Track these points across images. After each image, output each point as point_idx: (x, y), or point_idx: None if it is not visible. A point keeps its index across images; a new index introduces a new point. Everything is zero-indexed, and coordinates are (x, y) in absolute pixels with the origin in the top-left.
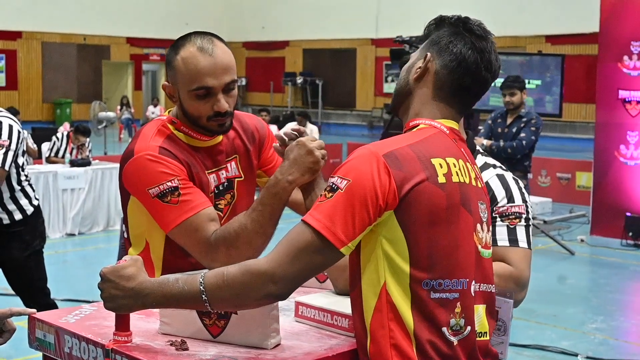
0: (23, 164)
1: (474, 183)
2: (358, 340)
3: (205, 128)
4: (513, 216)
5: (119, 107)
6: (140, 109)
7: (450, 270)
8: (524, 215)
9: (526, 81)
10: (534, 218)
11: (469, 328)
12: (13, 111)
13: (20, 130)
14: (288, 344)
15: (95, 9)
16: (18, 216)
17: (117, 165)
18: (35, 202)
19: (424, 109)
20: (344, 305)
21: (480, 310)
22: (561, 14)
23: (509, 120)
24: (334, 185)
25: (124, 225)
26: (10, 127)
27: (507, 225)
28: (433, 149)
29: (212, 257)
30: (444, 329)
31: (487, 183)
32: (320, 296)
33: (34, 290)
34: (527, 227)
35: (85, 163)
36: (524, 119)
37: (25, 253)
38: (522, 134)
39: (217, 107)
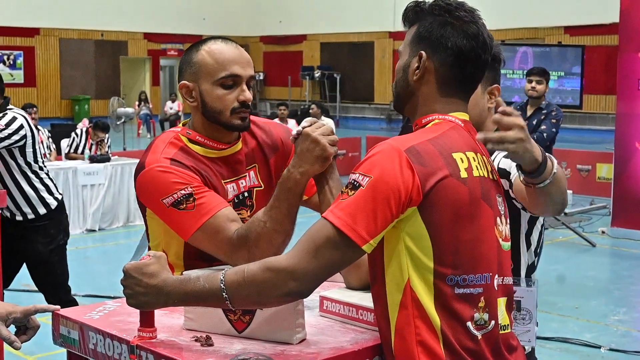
0: (39, 158)
1: (490, 176)
2: (382, 336)
3: (227, 124)
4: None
5: (137, 103)
6: (158, 105)
7: (474, 265)
8: None
9: None
10: None
11: (492, 322)
12: (29, 106)
13: (26, 125)
14: (313, 339)
15: (112, 5)
16: (42, 210)
17: (137, 161)
18: (58, 196)
19: (433, 106)
20: (369, 299)
21: (502, 303)
22: (580, 4)
23: (529, 112)
24: (355, 182)
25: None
26: (14, 118)
27: None
28: (453, 144)
29: (236, 256)
30: (469, 324)
31: (497, 166)
32: (344, 290)
33: (56, 286)
34: None
35: (104, 159)
36: (544, 111)
37: (49, 247)
38: (543, 126)
39: (243, 97)
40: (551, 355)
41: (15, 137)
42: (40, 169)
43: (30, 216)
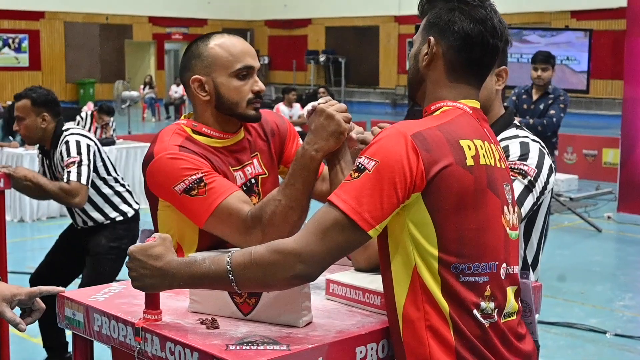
0: (111, 169)
1: (498, 164)
2: (390, 323)
3: (242, 115)
4: (517, 171)
5: (142, 87)
6: (163, 89)
7: (480, 253)
8: (529, 177)
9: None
10: (559, 195)
11: (496, 311)
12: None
13: (91, 143)
14: (320, 322)
15: None
16: (119, 219)
17: (142, 144)
18: (135, 207)
19: (442, 93)
20: (375, 282)
21: (510, 292)
22: None
23: (535, 97)
24: (360, 166)
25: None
26: (78, 142)
27: None
28: (461, 131)
29: (251, 238)
30: (475, 312)
31: (506, 146)
32: (351, 273)
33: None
34: (526, 188)
35: (109, 142)
36: (552, 96)
37: (110, 243)
38: (552, 111)
39: (257, 87)
40: (556, 340)
41: (91, 160)
42: (116, 180)
43: (103, 221)
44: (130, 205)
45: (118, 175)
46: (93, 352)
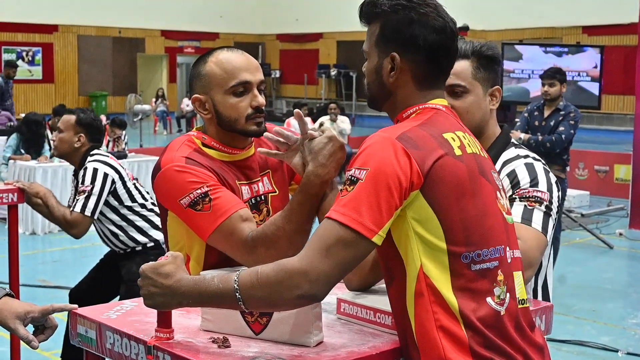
0: (137, 195)
1: (482, 154)
2: (405, 330)
3: (243, 131)
4: (533, 199)
5: (154, 100)
6: (175, 102)
7: (486, 239)
8: (545, 202)
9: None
10: (570, 211)
11: (508, 295)
12: (61, 110)
13: (109, 170)
14: (330, 342)
15: (130, 2)
16: (150, 245)
17: (153, 157)
18: None
19: (413, 100)
20: (387, 302)
21: (517, 277)
22: (598, 4)
23: (546, 113)
24: (353, 178)
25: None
26: (95, 171)
27: (525, 205)
28: (441, 126)
29: (252, 257)
30: (489, 300)
31: (513, 170)
32: (362, 293)
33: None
34: (545, 214)
35: (121, 156)
36: (562, 112)
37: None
38: (561, 128)
39: (256, 102)
40: (567, 359)
41: (106, 189)
42: (143, 206)
43: (138, 248)
44: (160, 230)
45: (147, 201)
46: None
